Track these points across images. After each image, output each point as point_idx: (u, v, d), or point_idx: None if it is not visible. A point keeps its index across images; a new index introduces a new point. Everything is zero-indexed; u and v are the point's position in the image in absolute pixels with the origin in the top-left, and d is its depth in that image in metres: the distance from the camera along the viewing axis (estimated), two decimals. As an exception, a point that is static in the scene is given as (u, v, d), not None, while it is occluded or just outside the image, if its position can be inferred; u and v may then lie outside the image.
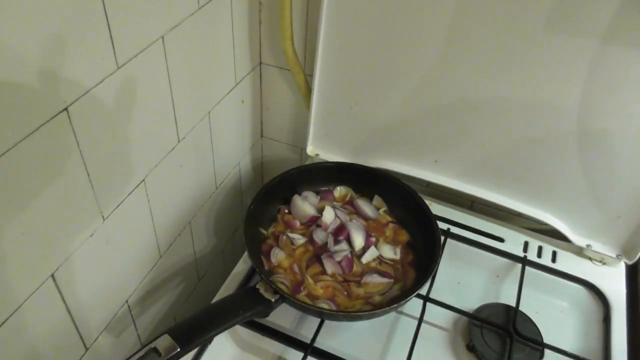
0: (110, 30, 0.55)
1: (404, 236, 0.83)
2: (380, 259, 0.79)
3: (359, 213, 0.86)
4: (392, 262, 0.80)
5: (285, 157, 1.11)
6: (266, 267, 0.77)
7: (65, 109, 0.53)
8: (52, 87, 0.51)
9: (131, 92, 0.63)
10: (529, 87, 0.75)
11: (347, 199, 0.89)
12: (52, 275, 0.59)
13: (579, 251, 0.86)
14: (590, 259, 0.86)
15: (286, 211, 0.86)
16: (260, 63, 0.96)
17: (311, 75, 0.88)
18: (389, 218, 0.86)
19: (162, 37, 0.65)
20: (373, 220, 0.85)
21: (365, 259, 0.79)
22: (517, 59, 0.73)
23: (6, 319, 0.54)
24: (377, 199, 0.88)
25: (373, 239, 0.82)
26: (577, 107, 0.74)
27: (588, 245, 0.84)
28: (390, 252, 0.80)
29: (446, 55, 0.76)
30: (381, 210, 0.87)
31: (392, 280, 0.77)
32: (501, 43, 0.72)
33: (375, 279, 0.76)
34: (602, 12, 0.65)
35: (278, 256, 0.78)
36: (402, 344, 0.72)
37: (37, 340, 0.61)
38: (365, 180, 0.89)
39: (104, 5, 0.53)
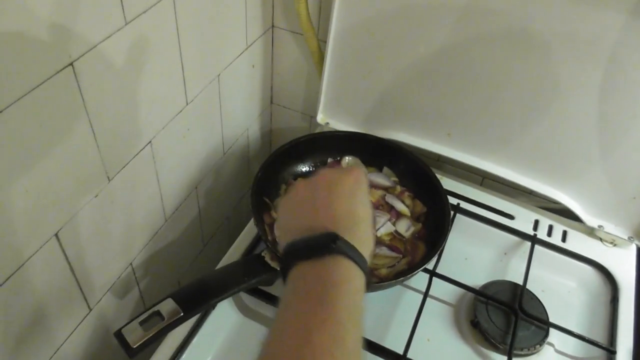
0: (118, -17, 0.53)
1: (419, 207, 0.82)
2: (394, 234, 0.78)
3: (371, 186, 0.84)
4: (403, 238, 0.78)
5: (294, 125, 1.09)
6: (270, 238, 0.76)
7: (71, 64, 0.51)
8: (57, 40, 0.49)
9: (139, 50, 0.61)
10: (549, 62, 0.72)
11: (355, 169, 0.87)
12: (56, 235, 0.58)
13: (590, 232, 0.85)
14: (601, 239, 0.84)
15: (293, 180, 0.85)
16: (273, 26, 0.93)
17: (325, 41, 0.85)
18: (401, 188, 0.84)
19: (173, -7, 0.63)
20: (387, 190, 0.84)
21: (380, 232, 0.77)
22: (538, 31, 0.70)
23: (9, 276, 0.54)
24: (386, 171, 0.87)
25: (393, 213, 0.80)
26: (598, 84, 0.71)
27: (600, 226, 0.83)
28: (403, 228, 0.79)
29: (464, 25, 0.74)
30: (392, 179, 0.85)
31: (400, 255, 0.76)
32: (522, 13, 0.69)
33: (383, 252, 0.75)
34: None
35: None
36: (406, 318, 0.71)
37: (40, 299, 0.60)
38: (375, 151, 0.87)
39: (112, -43, 0.51)
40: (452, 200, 0.84)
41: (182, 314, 0.56)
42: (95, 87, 0.56)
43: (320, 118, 0.94)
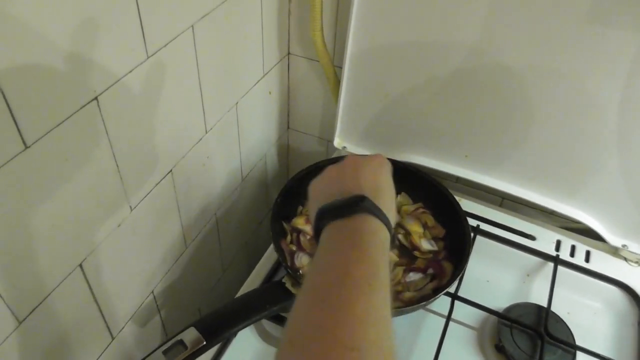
0: (140, 19, 0.55)
1: (439, 229, 0.82)
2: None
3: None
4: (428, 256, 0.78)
5: (311, 150, 1.10)
6: (290, 264, 0.76)
7: (96, 98, 0.52)
8: (83, 76, 0.50)
9: (160, 82, 0.62)
10: (568, 81, 0.72)
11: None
12: (80, 265, 0.59)
13: (614, 251, 0.83)
14: (625, 259, 0.83)
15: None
16: (289, 54, 0.95)
17: (340, 67, 0.86)
18: (416, 205, 0.85)
19: (192, 26, 0.64)
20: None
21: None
22: (555, 52, 0.70)
23: (35, 307, 0.55)
24: (403, 196, 0.86)
25: None
26: (618, 102, 0.71)
27: (624, 246, 0.81)
28: (428, 245, 0.79)
29: (481, 47, 0.74)
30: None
31: (425, 274, 0.75)
32: (540, 36, 0.70)
33: (410, 278, 0.75)
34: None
35: (302, 260, 0.77)
36: (429, 342, 0.70)
37: (64, 329, 0.61)
38: (392, 174, 0.87)
39: (135, -6, 0.53)
40: (472, 222, 0.84)
41: (204, 343, 0.56)
42: (118, 120, 0.57)
43: (337, 142, 0.95)
